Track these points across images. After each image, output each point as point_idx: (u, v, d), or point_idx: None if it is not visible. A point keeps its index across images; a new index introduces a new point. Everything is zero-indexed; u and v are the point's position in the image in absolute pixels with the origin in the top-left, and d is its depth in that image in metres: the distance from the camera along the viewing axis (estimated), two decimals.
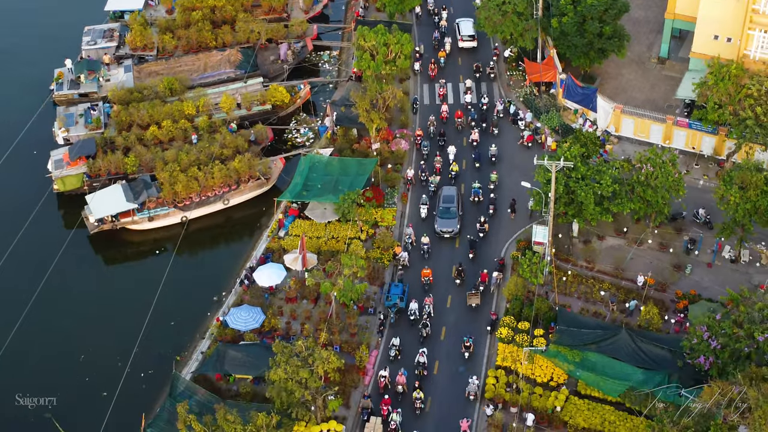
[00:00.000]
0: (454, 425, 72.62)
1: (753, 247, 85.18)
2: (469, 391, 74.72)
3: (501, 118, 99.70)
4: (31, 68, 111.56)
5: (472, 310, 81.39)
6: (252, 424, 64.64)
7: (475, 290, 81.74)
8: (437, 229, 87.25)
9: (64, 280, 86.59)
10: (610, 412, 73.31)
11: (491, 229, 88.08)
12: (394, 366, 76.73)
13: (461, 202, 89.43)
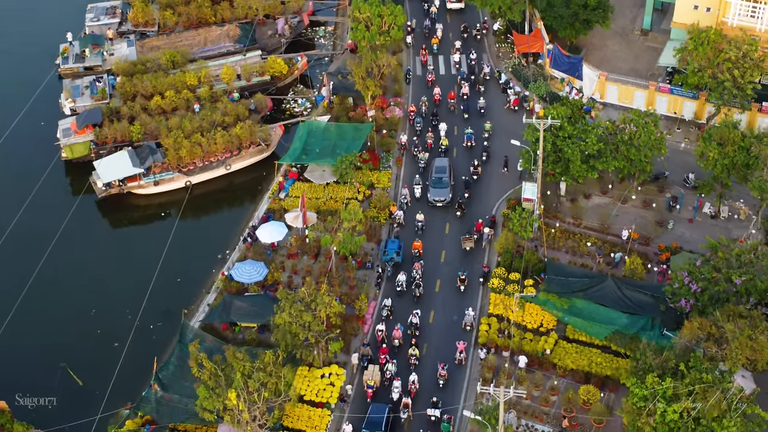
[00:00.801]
0: (451, 347, 77.32)
1: (732, 204, 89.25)
2: (466, 322, 78.95)
3: (487, 80, 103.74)
4: (36, 44, 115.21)
5: (466, 254, 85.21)
6: (260, 361, 68.41)
7: (469, 235, 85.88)
8: (430, 198, 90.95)
9: (73, 241, 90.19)
10: (597, 355, 77.44)
11: (483, 188, 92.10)
12: (389, 323, 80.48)
13: (453, 173, 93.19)
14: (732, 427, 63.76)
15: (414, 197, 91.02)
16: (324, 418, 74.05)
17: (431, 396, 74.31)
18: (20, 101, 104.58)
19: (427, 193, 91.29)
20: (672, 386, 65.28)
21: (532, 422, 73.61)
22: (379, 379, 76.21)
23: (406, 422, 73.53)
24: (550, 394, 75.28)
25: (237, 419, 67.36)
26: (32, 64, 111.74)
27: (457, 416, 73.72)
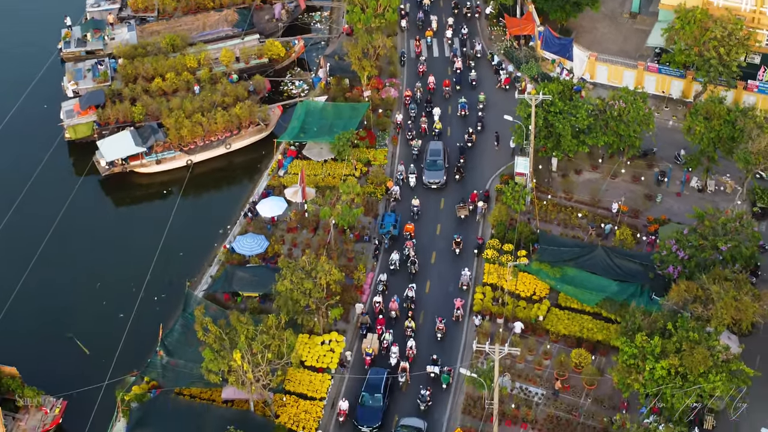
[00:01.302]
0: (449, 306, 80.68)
1: (719, 179, 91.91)
2: (462, 281, 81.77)
3: (479, 58, 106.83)
4: (38, 30, 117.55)
5: (461, 223, 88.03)
6: (263, 325, 70.88)
7: (463, 204, 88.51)
8: (425, 181, 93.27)
9: (77, 219, 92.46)
10: (588, 321, 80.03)
11: (476, 164, 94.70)
12: (386, 296, 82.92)
13: (447, 156, 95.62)
14: (718, 381, 66.43)
15: (409, 186, 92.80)
16: (324, 382, 76.53)
17: (430, 355, 77.01)
18: (22, 84, 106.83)
19: (422, 175, 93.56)
20: (660, 344, 67.90)
21: (526, 385, 76.17)
22: (378, 347, 78.65)
23: (404, 385, 76.05)
24: (543, 358, 77.87)
25: (241, 380, 69.79)
26: (34, 49, 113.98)
27: (455, 369, 76.61)
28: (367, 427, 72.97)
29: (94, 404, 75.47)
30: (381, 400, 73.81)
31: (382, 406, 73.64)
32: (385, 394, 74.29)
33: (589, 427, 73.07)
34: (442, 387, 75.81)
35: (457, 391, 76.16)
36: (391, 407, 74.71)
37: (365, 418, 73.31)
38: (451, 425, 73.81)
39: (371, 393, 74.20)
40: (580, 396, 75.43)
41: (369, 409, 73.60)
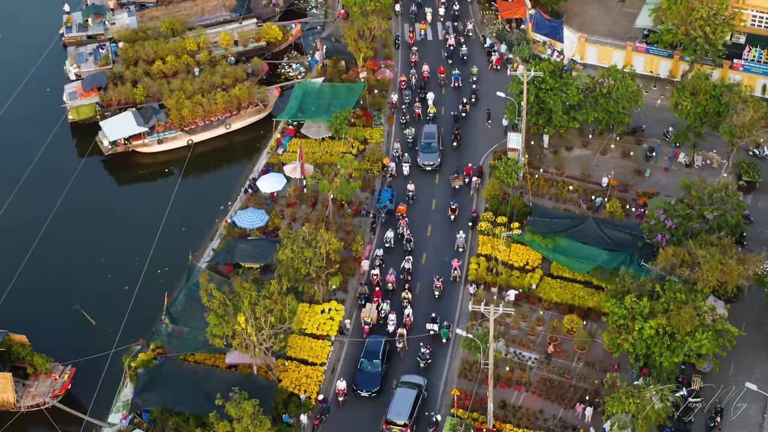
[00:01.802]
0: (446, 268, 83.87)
1: (705, 154, 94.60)
2: (458, 244, 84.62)
3: (470, 36, 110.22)
4: (38, 16, 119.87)
5: (455, 193, 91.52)
6: (265, 291, 73.37)
7: (457, 174, 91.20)
8: (420, 163, 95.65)
9: (81, 196, 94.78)
10: (580, 289, 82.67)
11: (470, 140, 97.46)
12: (383, 269, 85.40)
13: (441, 139, 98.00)
14: (704, 340, 69.11)
15: (402, 174, 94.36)
16: (325, 348, 79.04)
17: (428, 314, 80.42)
18: (24, 69, 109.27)
19: (416, 158, 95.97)
20: (648, 305, 70.55)
21: (520, 350, 78.75)
22: (376, 317, 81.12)
23: (401, 350, 78.58)
24: (536, 325, 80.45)
25: (245, 344, 72.25)
26: (35, 34, 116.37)
27: (454, 324, 79.78)
28: (366, 391, 75.41)
29: (102, 372, 77.86)
30: (379, 366, 76.24)
31: (380, 372, 76.09)
32: (383, 360, 76.71)
33: (581, 389, 75.60)
34: (442, 342, 78.81)
35: (453, 353, 78.66)
36: (389, 372, 77.08)
37: (364, 383, 75.76)
38: (447, 388, 76.29)
39: (369, 359, 76.63)
40: (572, 360, 78.01)
41: (368, 375, 76.01)
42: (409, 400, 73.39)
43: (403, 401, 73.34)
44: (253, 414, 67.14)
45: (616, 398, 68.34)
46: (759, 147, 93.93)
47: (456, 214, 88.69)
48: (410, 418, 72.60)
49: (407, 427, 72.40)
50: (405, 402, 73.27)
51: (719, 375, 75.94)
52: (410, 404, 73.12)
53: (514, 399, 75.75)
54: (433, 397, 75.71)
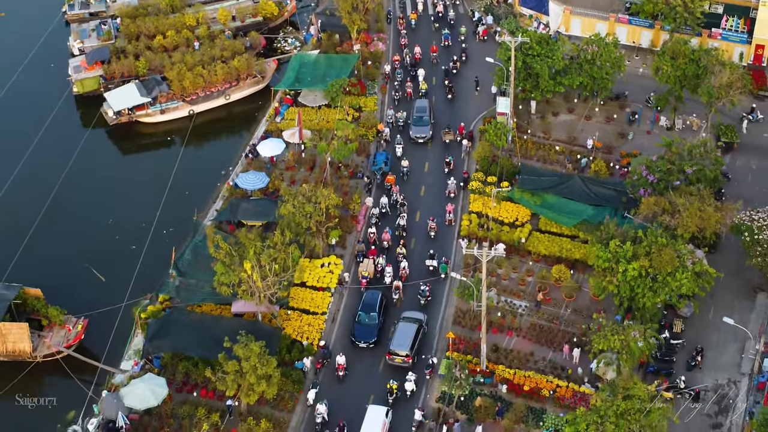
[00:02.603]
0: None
1: (686, 118, 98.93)
2: (449, 190, 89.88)
3: (456, 5, 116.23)
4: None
5: (446, 147, 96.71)
6: (269, 241, 77.40)
7: (448, 129, 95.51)
8: (412, 135, 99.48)
9: (87, 165, 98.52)
10: (567, 242, 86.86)
11: (459, 107, 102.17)
12: (379, 228, 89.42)
13: (432, 113, 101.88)
14: (684, 279, 73.42)
15: (396, 156, 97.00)
16: (325, 299, 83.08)
17: (425, 253, 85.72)
18: (28, 46, 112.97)
19: (409, 131, 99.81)
20: (631, 249, 74.81)
21: (511, 298, 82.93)
22: (373, 271, 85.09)
23: (397, 301, 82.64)
24: (526, 275, 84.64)
25: (251, 291, 76.25)
26: (38, 12, 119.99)
27: (451, 260, 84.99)
28: (363, 342, 79.32)
29: (113, 324, 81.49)
30: (376, 319, 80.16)
31: (377, 324, 79.95)
32: (379, 313, 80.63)
33: (569, 334, 79.78)
34: (441, 277, 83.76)
35: (448, 301, 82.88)
36: (385, 324, 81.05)
37: (362, 335, 79.62)
38: (442, 335, 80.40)
39: (367, 312, 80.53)
40: (560, 307, 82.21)
41: (365, 327, 79.87)
42: (411, 333, 77.86)
43: (404, 334, 77.82)
44: (260, 354, 71.05)
45: (601, 336, 72.52)
46: (752, 112, 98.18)
47: (450, 168, 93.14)
48: (411, 349, 76.97)
49: (409, 357, 76.76)
50: (406, 335, 77.74)
51: (699, 318, 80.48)
52: (411, 337, 77.62)
53: (505, 343, 79.90)
54: (429, 342, 79.79)
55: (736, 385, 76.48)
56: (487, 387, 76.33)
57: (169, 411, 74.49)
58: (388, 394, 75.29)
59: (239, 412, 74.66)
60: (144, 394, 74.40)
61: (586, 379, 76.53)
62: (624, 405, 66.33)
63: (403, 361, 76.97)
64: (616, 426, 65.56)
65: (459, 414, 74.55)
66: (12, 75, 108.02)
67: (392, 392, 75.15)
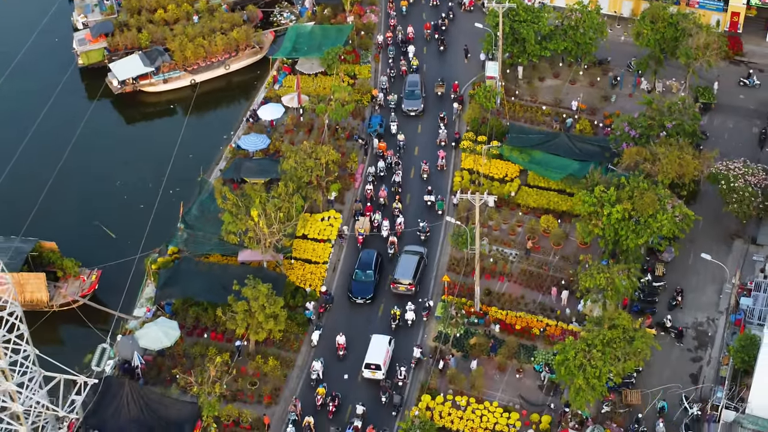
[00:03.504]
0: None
1: (665, 82, 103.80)
2: (440, 138, 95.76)
3: None
4: None
5: (440, 101, 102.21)
6: (274, 191, 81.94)
7: (441, 82, 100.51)
8: (404, 109, 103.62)
9: (94, 132, 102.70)
10: (554, 195, 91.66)
11: (448, 72, 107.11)
12: (376, 186, 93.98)
13: (423, 87, 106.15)
14: (665, 221, 78.26)
15: (391, 133, 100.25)
16: (326, 249, 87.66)
17: (423, 191, 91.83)
18: (34, 23, 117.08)
19: (401, 104, 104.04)
20: (615, 194, 79.63)
21: (502, 248, 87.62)
22: (369, 227, 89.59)
23: (392, 256, 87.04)
24: (516, 226, 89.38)
25: (257, 239, 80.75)
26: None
27: (447, 198, 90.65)
28: (360, 298, 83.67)
29: (125, 277, 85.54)
30: (372, 276, 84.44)
31: (373, 281, 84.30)
32: (375, 270, 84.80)
33: (557, 278, 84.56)
34: (438, 213, 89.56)
35: (442, 250, 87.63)
36: (381, 282, 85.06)
37: (359, 291, 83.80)
38: (437, 281, 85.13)
39: (363, 270, 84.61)
40: (548, 254, 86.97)
41: (362, 284, 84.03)
42: (413, 263, 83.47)
43: (407, 265, 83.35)
44: (267, 294, 75.58)
45: (588, 274, 77.28)
46: (749, 77, 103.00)
47: (445, 122, 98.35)
48: (414, 278, 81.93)
49: (412, 285, 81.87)
50: (409, 265, 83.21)
51: (680, 263, 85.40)
52: (413, 267, 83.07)
53: (497, 288, 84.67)
54: (426, 287, 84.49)
55: (715, 322, 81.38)
56: (480, 327, 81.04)
57: (181, 351, 78.96)
58: (391, 320, 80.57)
59: (248, 352, 79.13)
60: (157, 336, 78.88)
61: (573, 318, 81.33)
62: (610, 334, 71.14)
63: (407, 289, 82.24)
64: (602, 353, 70.19)
65: (455, 351, 79.20)
66: (19, 51, 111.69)
67: (395, 318, 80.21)
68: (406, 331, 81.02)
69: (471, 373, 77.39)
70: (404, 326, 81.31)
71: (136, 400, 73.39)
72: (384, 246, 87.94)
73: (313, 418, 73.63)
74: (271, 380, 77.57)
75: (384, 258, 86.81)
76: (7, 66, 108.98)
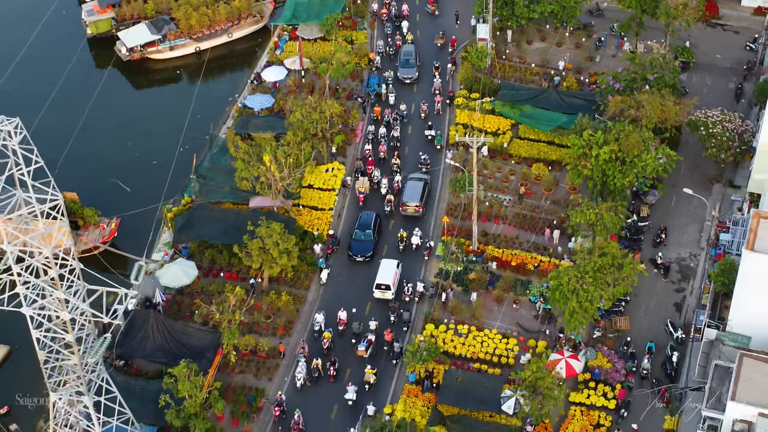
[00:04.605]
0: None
1: (647, 43, 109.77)
2: (435, 87, 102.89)
3: None
4: None
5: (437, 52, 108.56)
6: (283, 140, 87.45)
7: (442, 34, 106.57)
8: (400, 76, 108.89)
9: (106, 98, 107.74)
10: (545, 146, 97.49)
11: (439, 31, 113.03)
12: (375, 144, 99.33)
13: (418, 56, 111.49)
14: (649, 159, 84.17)
15: (390, 104, 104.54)
16: (331, 197, 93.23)
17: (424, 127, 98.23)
18: None
19: (397, 73, 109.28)
20: (602, 137, 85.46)
21: (496, 194, 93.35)
22: (368, 187, 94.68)
23: (390, 214, 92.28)
24: (509, 174, 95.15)
25: (268, 184, 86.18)
26: None
27: (444, 133, 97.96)
28: (360, 256, 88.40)
29: (143, 225, 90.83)
30: (371, 236, 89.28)
31: (372, 241, 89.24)
32: (374, 230, 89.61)
33: (549, 220, 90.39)
34: (437, 147, 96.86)
35: (441, 196, 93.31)
36: (379, 241, 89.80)
37: (358, 250, 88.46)
38: (437, 223, 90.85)
39: (363, 230, 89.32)
40: (540, 199, 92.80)
41: (361, 243, 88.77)
42: (419, 188, 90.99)
43: (413, 189, 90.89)
44: (280, 232, 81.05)
45: (578, 210, 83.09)
46: (755, 41, 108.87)
47: (439, 71, 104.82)
48: (420, 200, 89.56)
49: (419, 206, 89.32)
50: (415, 189, 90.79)
51: (663, 205, 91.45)
52: (420, 191, 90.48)
53: (493, 230, 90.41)
54: (426, 229, 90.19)
55: (696, 257, 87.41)
56: (479, 265, 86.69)
57: (198, 289, 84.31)
58: (399, 242, 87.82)
59: (261, 290, 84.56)
60: (177, 274, 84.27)
61: (565, 255, 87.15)
62: (600, 261, 76.93)
63: (415, 210, 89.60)
64: (593, 279, 75.97)
65: (455, 286, 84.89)
66: (30, 27, 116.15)
67: (402, 240, 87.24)
68: (411, 256, 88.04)
69: (471, 304, 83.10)
70: (410, 250, 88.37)
71: (161, 330, 78.80)
72: (381, 204, 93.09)
73: (321, 360, 79.06)
74: (284, 314, 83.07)
75: (382, 219, 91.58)
76: (24, 42, 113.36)
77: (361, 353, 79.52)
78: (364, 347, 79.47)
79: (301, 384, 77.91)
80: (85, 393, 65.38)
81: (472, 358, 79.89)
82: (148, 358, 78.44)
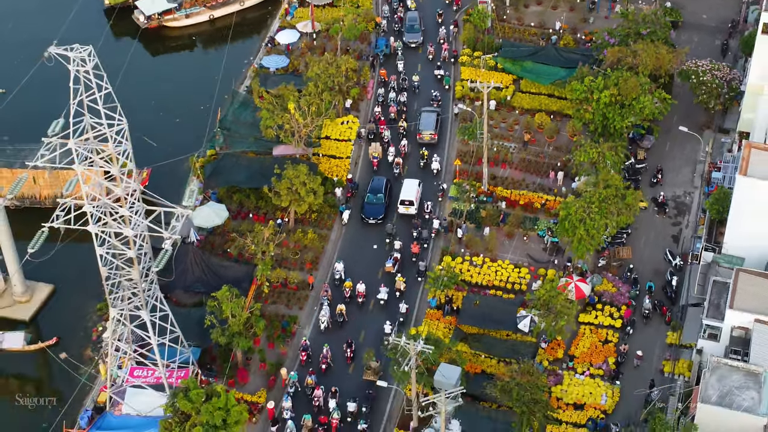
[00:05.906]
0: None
1: (637, 5, 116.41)
2: (440, 36, 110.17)
3: None
4: None
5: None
6: (305, 90, 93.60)
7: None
8: (405, 41, 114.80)
9: (128, 63, 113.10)
10: (545, 98, 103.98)
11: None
12: (384, 107, 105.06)
13: (422, 22, 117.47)
14: (647, 102, 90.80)
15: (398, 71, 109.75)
16: (348, 147, 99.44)
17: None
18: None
19: (402, 38, 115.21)
20: (602, 81, 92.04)
21: (502, 142, 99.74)
22: (381, 151, 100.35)
23: (399, 176, 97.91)
24: (514, 124, 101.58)
25: (292, 131, 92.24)
26: None
27: (452, 74, 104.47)
28: (372, 219, 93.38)
29: (171, 177, 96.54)
30: (383, 200, 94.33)
31: (383, 204, 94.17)
32: (385, 194, 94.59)
33: (553, 164, 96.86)
34: (445, 87, 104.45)
35: (450, 143, 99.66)
36: (390, 205, 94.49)
37: (371, 212, 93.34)
38: (449, 168, 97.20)
39: (374, 194, 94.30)
40: (543, 146, 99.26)
41: (373, 206, 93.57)
42: (433, 118, 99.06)
43: (428, 119, 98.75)
44: (306, 173, 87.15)
45: (582, 150, 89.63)
46: None
47: (442, 18, 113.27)
48: (435, 128, 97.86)
49: (434, 134, 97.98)
50: (430, 119, 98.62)
51: (658, 150, 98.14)
52: (434, 120, 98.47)
53: (501, 173, 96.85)
54: (438, 174, 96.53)
55: (691, 195, 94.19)
56: (489, 204, 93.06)
57: (229, 229, 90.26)
58: (420, 160, 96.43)
59: (288, 229, 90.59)
60: (209, 216, 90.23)
61: (569, 194, 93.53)
62: (605, 192, 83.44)
63: (431, 137, 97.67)
64: (599, 209, 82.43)
65: (468, 224, 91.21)
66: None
67: (423, 157, 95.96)
68: (431, 177, 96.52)
69: (484, 238, 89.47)
70: (430, 173, 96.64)
71: (199, 263, 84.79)
72: (391, 168, 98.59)
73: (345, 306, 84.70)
74: (310, 250, 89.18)
75: (392, 183, 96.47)
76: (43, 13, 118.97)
77: (389, 269, 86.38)
78: (391, 263, 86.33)
79: (324, 327, 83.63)
80: (142, 308, 71.27)
81: (488, 286, 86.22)
82: (189, 289, 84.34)
